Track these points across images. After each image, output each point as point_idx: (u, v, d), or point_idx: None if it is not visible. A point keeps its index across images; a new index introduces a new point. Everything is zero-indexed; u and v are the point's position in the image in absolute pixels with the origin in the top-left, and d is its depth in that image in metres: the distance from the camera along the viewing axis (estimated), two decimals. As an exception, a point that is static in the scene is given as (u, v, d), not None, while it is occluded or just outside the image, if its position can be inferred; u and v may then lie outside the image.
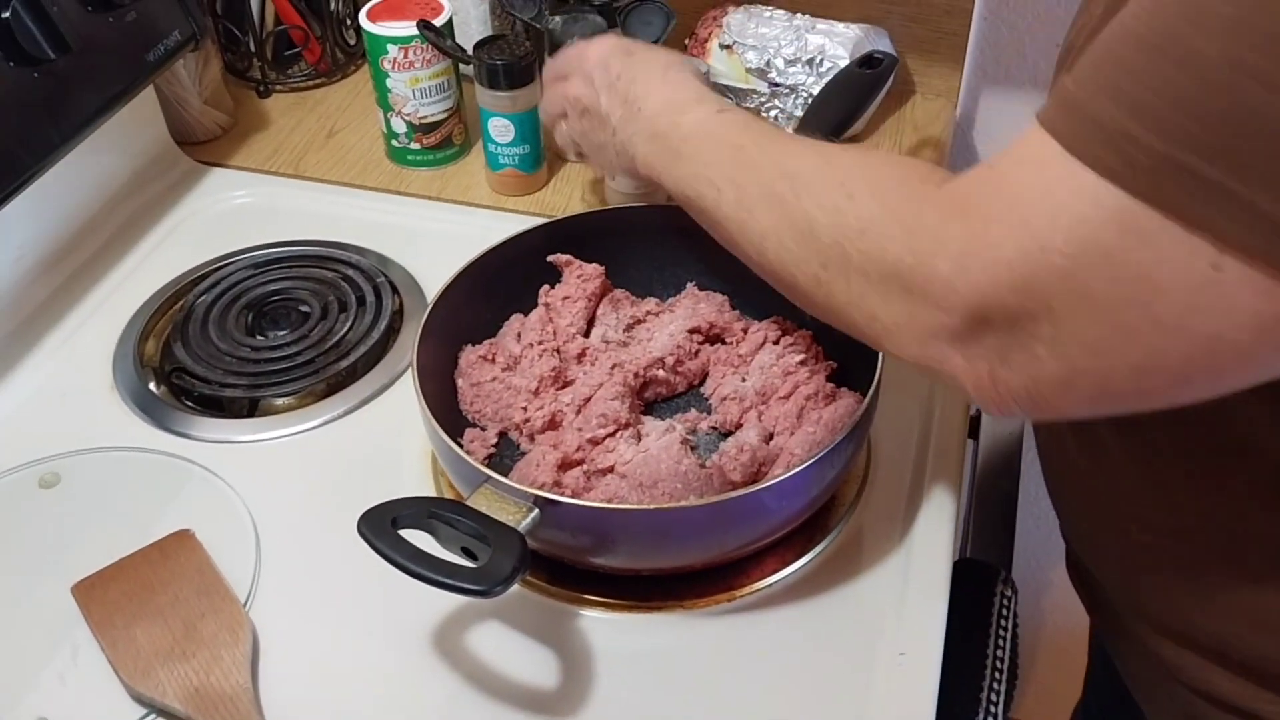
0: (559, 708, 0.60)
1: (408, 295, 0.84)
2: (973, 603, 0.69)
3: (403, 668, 0.61)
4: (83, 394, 0.77)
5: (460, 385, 0.74)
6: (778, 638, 0.63)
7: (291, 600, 0.64)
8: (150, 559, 0.65)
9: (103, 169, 0.89)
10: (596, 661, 0.62)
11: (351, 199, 0.95)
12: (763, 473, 0.66)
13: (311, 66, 1.07)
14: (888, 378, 0.64)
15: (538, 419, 0.70)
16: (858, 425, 0.62)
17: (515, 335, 0.76)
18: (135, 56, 0.84)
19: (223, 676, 0.59)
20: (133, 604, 0.63)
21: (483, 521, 0.56)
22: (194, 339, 0.80)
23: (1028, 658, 1.02)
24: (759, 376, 0.72)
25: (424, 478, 0.71)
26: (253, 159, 0.99)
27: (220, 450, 0.73)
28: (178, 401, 0.77)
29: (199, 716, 0.58)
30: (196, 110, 0.99)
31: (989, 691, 0.66)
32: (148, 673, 0.60)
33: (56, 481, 0.71)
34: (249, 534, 0.67)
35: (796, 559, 0.66)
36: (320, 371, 0.78)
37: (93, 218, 0.88)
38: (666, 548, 0.62)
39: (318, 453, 0.73)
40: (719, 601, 0.64)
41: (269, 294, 0.84)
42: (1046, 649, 1.35)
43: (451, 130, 0.96)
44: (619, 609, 0.64)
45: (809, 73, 0.93)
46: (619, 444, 0.68)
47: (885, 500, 0.69)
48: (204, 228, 0.91)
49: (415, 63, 0.91)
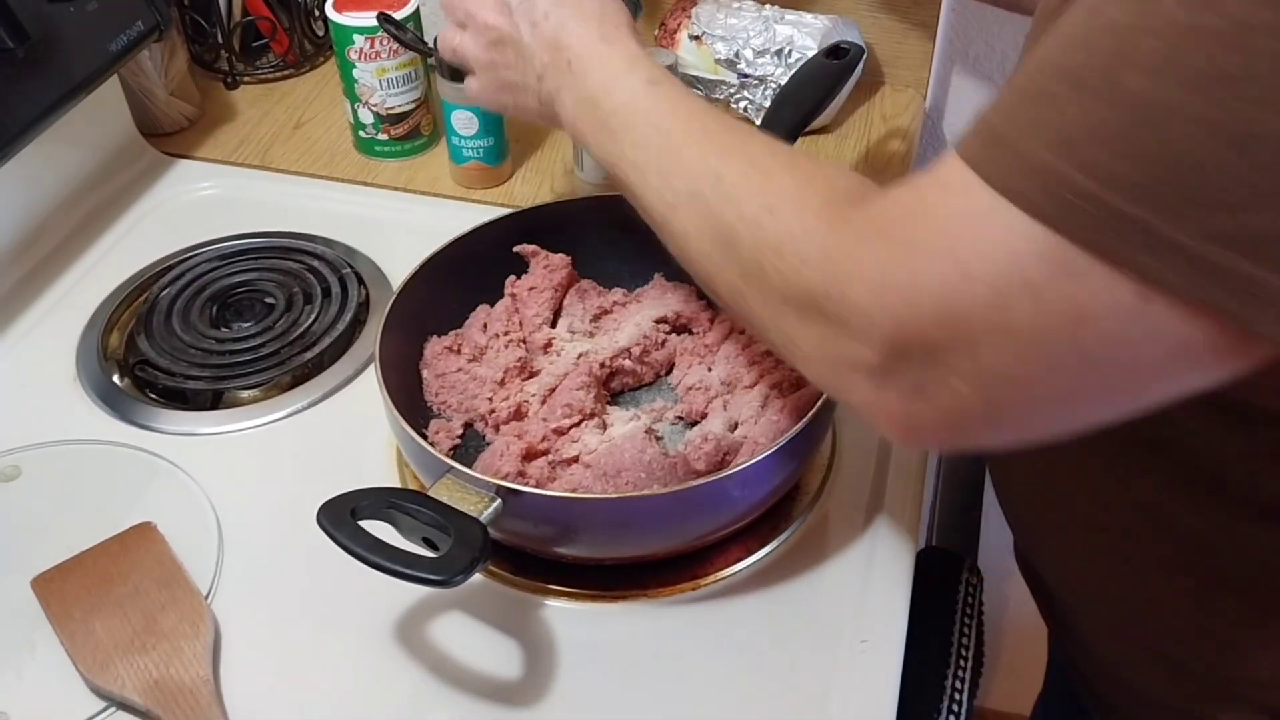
0: (523, 698, 0.60)
1: (374, 286, 0.84)
2: (937, 591, 0.69)
3: (365, 659, 0.61)
4: (45, 387, 0.77)
5: (425, 376, 0.73)
6: (742, 626, 0.63)
7: (254, 592, 0.64)
8: (110, 551, 0.64)
9: (66, 160, 0.88)
10: (561, 651, 0.61)
11: (318, 190, 0.94)
12: (727, 461, 0.66)
13: (279, 58, 1.07)
14: (851, 366, 0.64)
15: (503, 409, 0.70)
16: (820, 412, 0.62)
17: (481, 326, 0.75)
18: (97, 46, 0.83)
19: (183, 669, 0.59)
20: (92, 597, 0.62)
21: (443, 511, 0.56)
22: (158, 331, 0.79)
23: (994, 645, 1.02)
24: (725, 366, 0.72)
25: (389, 469, 0.71)
26: (219, 150, 0.98)
27: (183, 443, 0.72)
28: (141, 394, 0.76)
29: (158, 709, 0.57)
30: (162, 102, 0.98)
31: (953, 679, 0.66)
32: (106, 665, 0.59)
33: (17, 475, 0.71)
34: (211, 526, 0.67)
35: (760, 547, 0.66)
36: (285, 363, 0.77)
37: (56, 209, 0.87)
38: (629, 537, 0.62)
39: (282, 445, 0.73)
40: (683, 590, 0.64)
41: (234, 285, 0.83)
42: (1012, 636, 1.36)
43: (419, 121, 0.96)
44: (583, 599, 0.64)
45: (778, 63, 0.93)
46: (584, 434, 0.68)
47: (850, 489, 0.70)
48: (169, 219, 0.91)
49: (382, 53, 0.90)
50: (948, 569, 0.71)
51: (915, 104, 1.02)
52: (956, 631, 0.68)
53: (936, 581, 0.69)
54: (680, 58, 0.96)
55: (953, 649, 0.67)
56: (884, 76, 1.04)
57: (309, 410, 0.75)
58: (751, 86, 0.95)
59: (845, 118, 0.99)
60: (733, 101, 0.96)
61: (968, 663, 0.68)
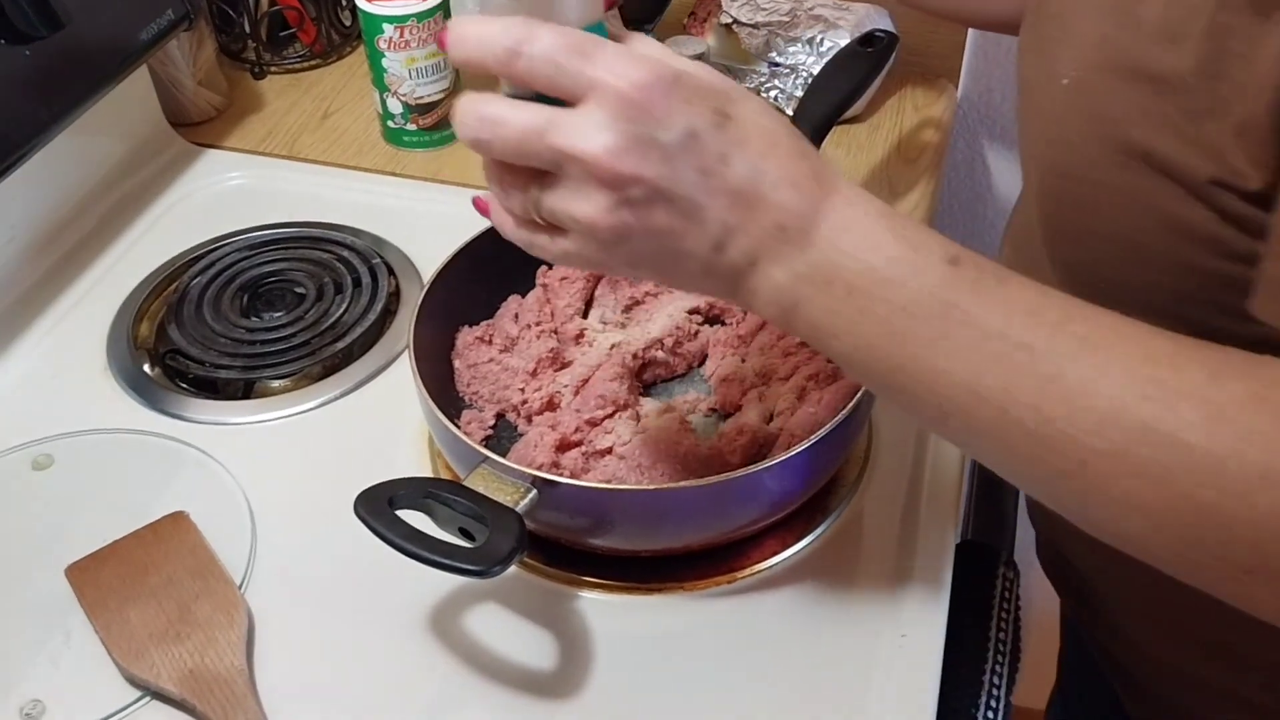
0: (557, 689, 0.59)
1: (404, 277, 0.83)
2: (974, 585, 0.68)
3: (399, 649, 0.61)
4: (76, 376, 0.77)
5: (457, 367, 0.73)
6: (778, 619, 0.62)
7: (286, 582, 0.64)
8: (144, 541, 0.64)
9: (96, 150, 0.88)
10: (595, 643, 0.61)
11: (347, 180, 0.94)
12: (763, 454, 0.65)
13: (306, 48, 1.06)
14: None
15: (535, 400, 0.70)
16: (859, 406, 0.62)
17: (512, 316, 0.75)
18: (128, 35, 0.83)
19: (217, 658, 0.58)
20: (126, 586, 0.62)
21: (480, 502, 0.56)
22: (188, 321, 0.79)
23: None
24: (759, 358, 0.71)
25: (421, 460, 0.71)
26: (247, 140, 0.98)
27: (215, 432, 0.72)
28: (172, 384, 0.76)
29: (193, 698, 0.57)
30: (190, 91, 0.98)
31: (991, 674, 0.65)
32: (141, 654, 0.59)
33: (50, 464, 0.71)
34: (244, 516, 0.67)
35: (797, 541, 0.65)
36: (316, 353, 0.77)
37: (85, 199, 0.87)
38: (665, 529, 0.62)
39: (313, 435, 0.73)
40: (718, 583, 0.64)
41: (264, 275, 0.83)
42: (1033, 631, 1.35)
43: (448, 111, 0.95)
44: (618, 590, 0.63)
45: (809, 52, 0.93)
46: (617, 425, 0.67)
47: (887, 483, 0.69)
48: (198, 209, 0.91)
49: (411, 42, 0.90)
50: (984, 563, 0.70)
51: (948, 94, 1.01)
52: (994, 626, 0.67)
53: (973, 575, 0.68)
54: (711, 46, 0.95)
55: (990, 644, 0.66)
56: (915, 66, 1.03)
57: (340, 401, 0.75)
58: (783, 76, 0.94)
59: (877, 108, 0.98)
60: (763, 90, 0.96)
61: (1005, 658, 0.67)
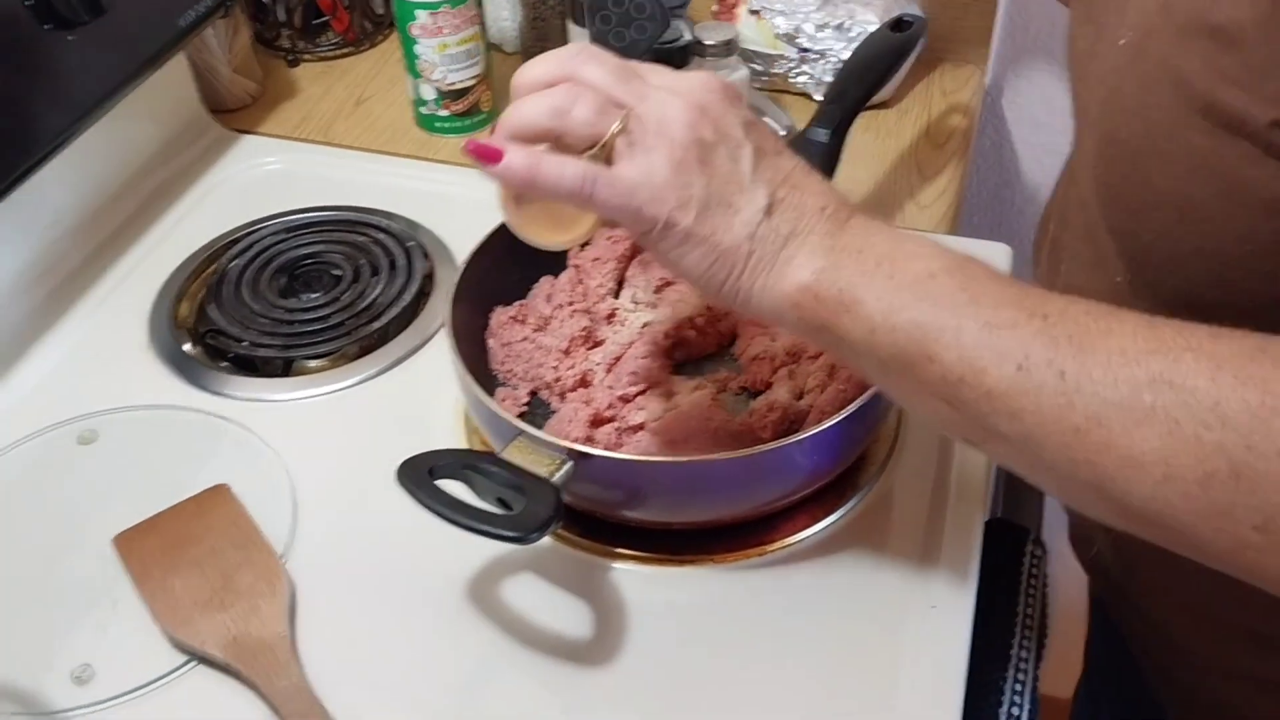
0: (592, 657, 0.60)
1: (438, 259, 0.85)
2: (1002, 561, 0.69)
3: (437, 618, 0.62)
4: (119, 354, 0.78)
5: (491, 345, 0.74)
6: (808, 591, 0.63)
7: (327, 552, 0.65)
8: (187, 512, 0.66)
9: (136, 135, 0.90)
10: (629, 613, 0.62)
11: (380, 165, 0.95)
12: (793, 430, 0.66)
13: (339, 36, 1.08)
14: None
15: (568, 378, 0.71)
16: (889, 382, 0.63)
17: (545, 297, 0.76)
18: (167, 20, 0.84)
19: (261, 625, 0.60)
20: (171, 556, 0.64)
21: (518, 473, 0.57)
22: (228, 301, 0.81)
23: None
24: (789, 336, 0.72)
25: (455, 436, 0.72)
26: (282, 127, 0.99)
27: (254, 408, 0.74)
28: (212, 362, 0.78)
29: (238, 664, 0.58)
30: (226, 78, 1.00)
31: (1019, 648, 0.66)
32: (187, 622, 0.60)
33: (95, 438, 0.72)
34: (284, 489, 0.68)
35: (827, 515, 0.66)
36: (352, 333, 0.79)
37: (126, 183, 0.89)
38: (698, 501, 0.63)
39: (350, 412, 0.74)
40: (749, 556, 0.65)
41: (301, 257, 0.84)
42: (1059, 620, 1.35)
43: (479, 97, 0.97)
44: (650, 562, 0.64)
45: (838, 38, 0.93)
46: (650, 401, 0.68)
47: (915, 461, 0.70)
48: (235, 193, 0.92)
49: (444, 28, 0.91)
50: (1012, 541, 0.71)
51: (975, 79, 1.01)
52: (1021, 600, 0.68)
53: (1001, 552, 0.69)
54: (739, 32, 0.96)
55: (1018, 618, 0.67)
56: (943, 52, 1.03)
57: (375, 379, 0.76)
58: (811, 61, 0.95)
59: (905, 93, 0.99)
60: (792, 76, 0.96)
61: (1033, 633, 0.68)
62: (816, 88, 0.95)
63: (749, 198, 0.46)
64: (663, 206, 0.46)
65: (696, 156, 0.46)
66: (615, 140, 0.46)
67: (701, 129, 0.46)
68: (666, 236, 0.46)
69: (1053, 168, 0.99)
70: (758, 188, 0.46)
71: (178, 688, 0.59)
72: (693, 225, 0.46)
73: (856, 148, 0.87)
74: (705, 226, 0.46)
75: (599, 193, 0.46)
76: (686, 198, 0.46)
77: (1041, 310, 0.43)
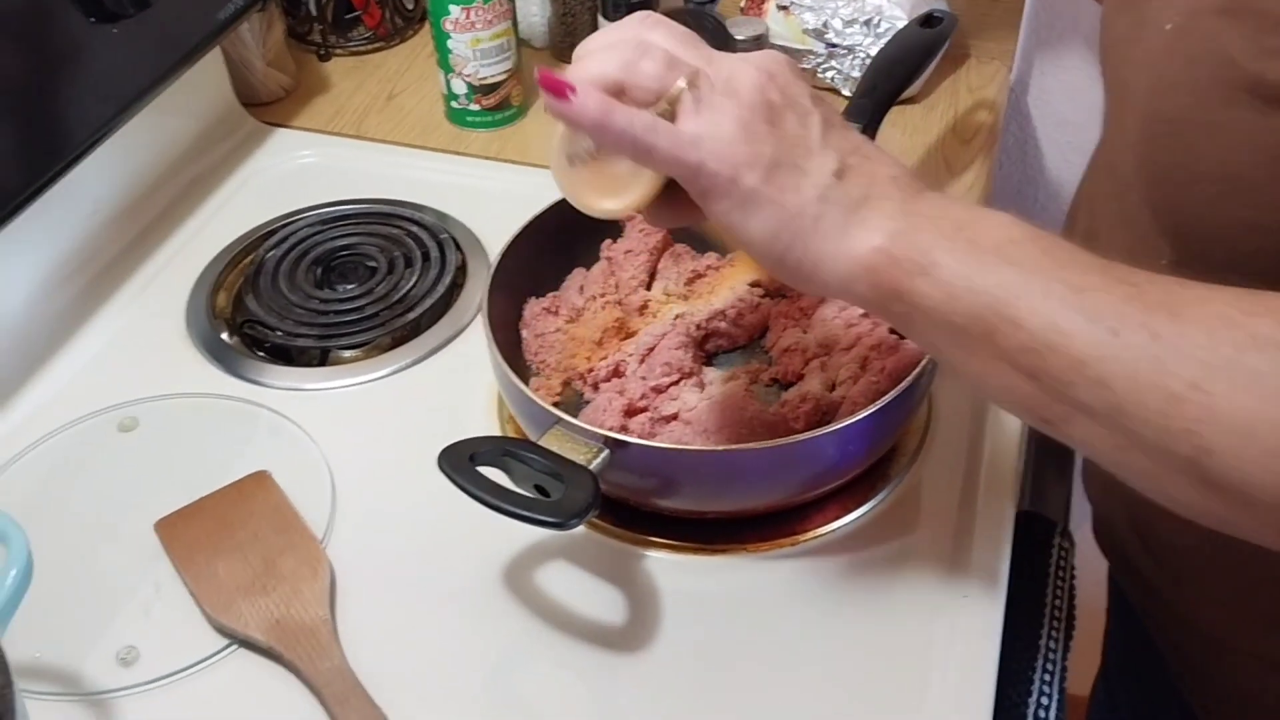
0: (624, 644, 0.61)
1: (470, 252, 0.86)
2: (1030, 554, 0.69)
3: (473, 603, 0.63)
4: (157, 343, 0.80)
5: (524, 336, 0.75)
6: (840, 580, 0.64)
7: (366, 538, 0.66)
8: (229, 498, 0.67)
9: (173, 128, 0.91)
10: (661, 600, 0.63)
11: (412, 159, 0.96)
12: (825, 422, 0.67)
13: (371, 31, 1.09)
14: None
15: (601, 368, 0.72)
16: (921, 375, 0.63)
17: (578, 288, 0.77)
18: (207, 14, 0.86)
19: (302, 609, 0.61)
20: (213, 541, 0.65)
21: (556, 460, 0.58)
22: (265, 291, 0.82)
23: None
24: (821, 329, 0.73)
25: (490, 425, 0.73)
26: (315, 120, 1.00)
27: (291, 397, 0.75)
28: (249, 351, 0.79)
29: (280, 646, 0.59)
30: (260, 72, 1.01)
31: (1048, 640, 0.67)
32: (229, 605, 0.62)
33: (135, 425, 0.74)
34: (323, 475, 0.69)
35: (858, 506, 0.67)
36: (386, 324, 0.80)
37: (163, 175, 0.90)
38: (732, 490, 0.63)
39: (386, 401, 0.75)
40: (781, 545, 0.65)
41: (337, 249, 0.86)
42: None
43: (510, 92, 0.97)
44: (683, 551, 0.65)
45: (866, 33, 0.94)
46: (683, 392, 0.69)
47: (947, 452, 0.70)
48: (270, 186, 0.93)
49: (476, 23, 0.92)
50: (1040, 533, 0.71)
51: (1001, 76, 1.02)
52: (1050, 592, 0.69)
53: (1029, 544, 0.69)
54: (768, 27, 0.96)
55: (1046, 609, 0.68)
56: (969, 49, 1.04)
57: (410, 369, 0.77)
58: (839, 56, 0.95)
59: (932, 89, 0.99)
60: (820, 72, 0.97)
61: (1061, 625, 0.68)
62: (844, 83, 0.96)
63: (818, 161, 0.45)
64: (728, 163, 0.44)
65: (764, 117, 0.45)
66: (682, 96, 0.45)
67: (769, 92, 0.45)
68: (730, 194, 0.44)
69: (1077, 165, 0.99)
70: (827, 153, 0.45)
71: (220, 670, 0.60)
72: (759, 184, 0.44)
73: (884, 143, 0.86)
74: (772, 186, 0.44)
75: (660, 143, 0.44)
76: (754, 156, 0.44)
77: (1129, 279, 0.41)
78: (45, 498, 0.69)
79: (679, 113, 0.45)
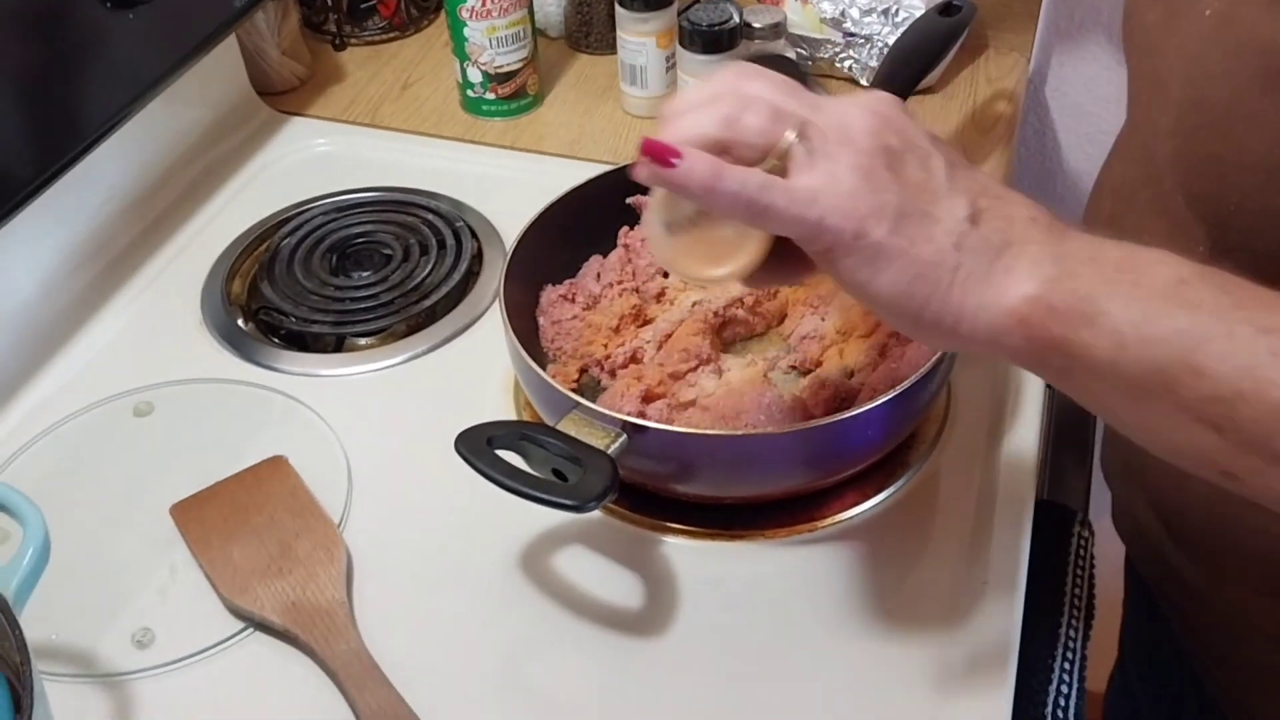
0: (642, 629, 0.61)
1: (485, 240, 0.85)
2: (1050, 542, 0.69)
3: (489, 587, 0.63)
4: (172, 329, 0.80)
5: (541, 323, 0.75)
6: (858, 567, 0.63)
7: (382, 522, 0.66)
8: (245, 483, 0.67)
9: (188, 115, 0.91)
10: (679, 586, 0.63)
11: (428, 148, 0.96)
12: (844, 408, 0.66)
13: (386, 20, 1.09)
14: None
15: (619, 355, 0.71)
16: (940, 362, 0.63)
17: (595, 275, 0.77)
18: (223, 2, 0.85)
19: (318, 591, 0.61)
20: (229, 525, 0.64)
21: (574, 444, 0.57)
22: (280, 278, 0.82)
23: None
24: (839, 315, 0.72)
25: (506, 411, 0.72)
26: (330, 109, 1.00)
27: (307, 382, 0.75)
28: (265, 338, 0.79)
29: (296, 628, 0.59)
30: (275, 61, 1.01)
31: (1067, 629, 0.66)
32: (245, 588, 0.61)
33: (150, 410, 0.73)
34: (339, 460, 0.69)
35: (876, 493, 0.67)
36: (401, 311, 0.79)
37: (178, 162, 0.90)
38: (750, 476, 0.63)
39: (402, 387, 0.75)
40: (799, 532, 0.65)
41: (352, 237, 0.85)
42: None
43: (525, 80, 0.97)
44: (701, 536, 0.65)
45: (884, 22, 0.93)
46: (700, 378, 0.69)
47: (966, 440, 0.70)
48: (285, 174, 0.93)
49: (493, 11, 0.92)
50: (1060, 522, 0.71)
51: (1020, 67, 1.01)
52: (1069, 581, 0.68)
53: (1048, 533, 0.69)
54: (785, 16, 0.96)
55: (1065, 599, 0.67)
56: (988, 39, 1.03)
57: (426, 356, 0.77)
58: (857, 46, 0.95)
59: (950, 79, 0.99)
60: (838, 61, 0.96)
61: (1081, 614, 0.68)
62: (862, 72, 0.95)
63: (948, 206, 0.41)
64: (852, 217, 0.40)
65: (885, 164, 0.41)
66: (792, 149, 0.42)
67: (885, 136, 0.42)
68: (856, 250, 0.41)
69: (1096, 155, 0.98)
70: (956, 196, 0.41)
71: (236, 652, 0.60)
72: (886, 237, 0.40)
73: (903, 132, 0.87)
74: (902, 238, 0.41)
75: (777, 202, 0.41)
76: (878, 206, 0.40)
77: None
78: (62, 481, 0.69)
79: (791, 167, 0.42)
